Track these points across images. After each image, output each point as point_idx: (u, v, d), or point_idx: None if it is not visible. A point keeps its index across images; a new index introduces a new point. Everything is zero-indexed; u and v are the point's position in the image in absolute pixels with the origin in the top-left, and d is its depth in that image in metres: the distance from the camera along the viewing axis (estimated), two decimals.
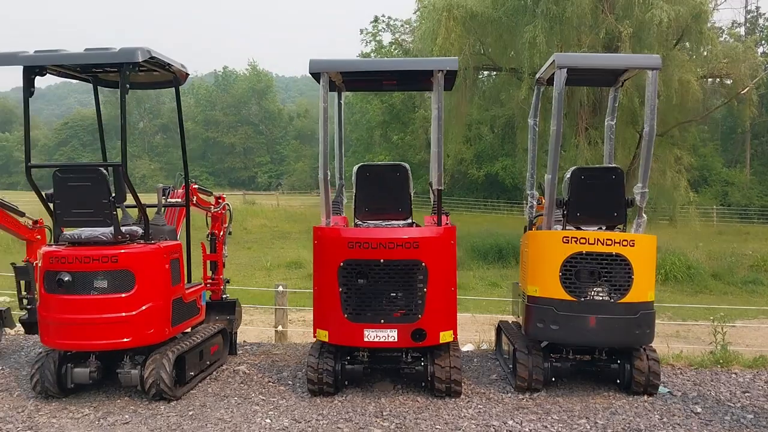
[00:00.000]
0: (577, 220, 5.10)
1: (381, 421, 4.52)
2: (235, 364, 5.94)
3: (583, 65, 5.14)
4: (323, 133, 4.94)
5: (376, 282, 4.80)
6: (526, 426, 4.40)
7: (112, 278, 4.74)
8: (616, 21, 18.98)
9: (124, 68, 4.68)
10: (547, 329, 4.86)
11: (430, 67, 4.93)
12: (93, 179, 4.73)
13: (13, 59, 4.68)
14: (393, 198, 5.31)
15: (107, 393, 5.15)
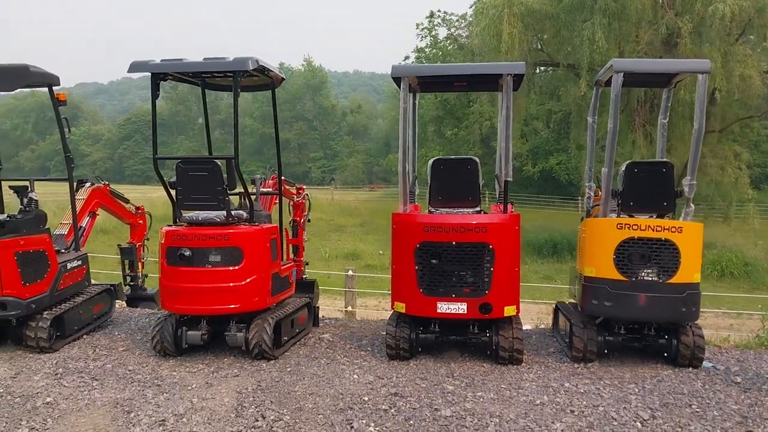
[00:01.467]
0: (630, 208, 5.68)
1: (452, 380, 5.21)
2: (319, 334, 6.72)
3: (638, 70, 5.71)
4: (403, 131, 5.61)
5: (448, 261, 5.48)
6: (581, 387, 5.03)
7: (224, 254, 5.57)
8: (676, 16, 19.06)
9: (237, 75, 5.50)
10: (601, 306, 5.45)
11: (500, 71, 5.58)
12: (209, 170, 5.57)
13: (145, 67, 5.55)
14: (464, 188, 5.96)
15: (215, 353, 5.99)
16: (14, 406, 4.79)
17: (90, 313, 6.87)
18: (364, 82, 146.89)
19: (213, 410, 4.62)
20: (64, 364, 5.72)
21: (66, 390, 5.09)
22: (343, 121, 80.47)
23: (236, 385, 5.12)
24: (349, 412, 4.54)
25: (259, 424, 4.36)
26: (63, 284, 6.47)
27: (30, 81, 6.16)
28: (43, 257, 6.21)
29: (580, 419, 4.41)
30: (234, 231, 5.61)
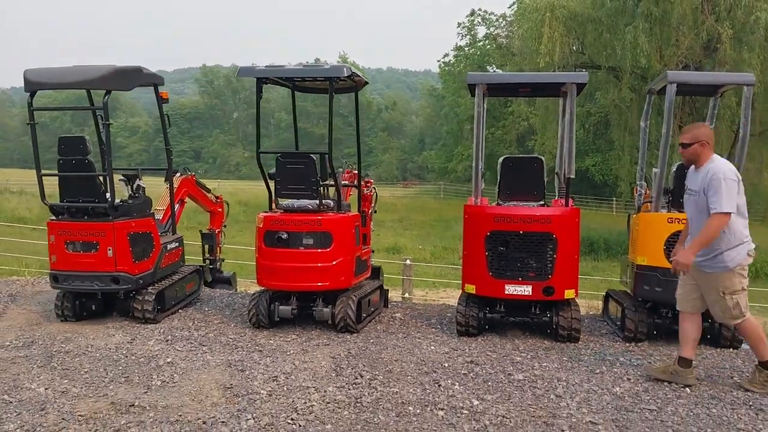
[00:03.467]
0: (680, 205, 6.29)
1: (519, 353, 5.91)
2: (390, 313, 7.45)
3: (691, 81, 6.35)
4: (477, 132, 6.31)
5: (515, 248, 6.17)
6: (635, 361, 5.69)
7: (316, 237, 6.33)
8: (716, 22, 19.43)
9: (332, 80, 6.26)
10: (652, 291, 6.10)
11: (565, 80, 6.26)
12: (306, 163, 6.33)
13: (251, 72, 6.34)
14: (530, 183, 6.64)
15: (302, 326, 6.75)
16: (141, 364, 5.59)
17: (183, 291, 7.70)
18: (397, 78, 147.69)
19: (315, 370, 5.38)
20: (170, 333, 6.53)
21: (180, 353, 5.89)
22: (378, 117, 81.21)
23: (329, 352, 5.88)
24: (433, 374, 5.26)
25: (359, 381, 5.10)
26: (164, 263, 7.29)
27: (142, 81, 6.98)
28: (149, 238, 7.04)
29: (636, 385, 5.08)
30: (325, 217, 6.37)
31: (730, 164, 4.85)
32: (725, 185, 4.65)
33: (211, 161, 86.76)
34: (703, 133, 4.92)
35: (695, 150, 4.92)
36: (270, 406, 4.60)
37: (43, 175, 6.76)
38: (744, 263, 4.85)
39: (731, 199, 4.65)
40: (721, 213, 4.62)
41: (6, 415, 4.43)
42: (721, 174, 4.69)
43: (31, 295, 8.26)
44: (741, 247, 4.81)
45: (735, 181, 4.72)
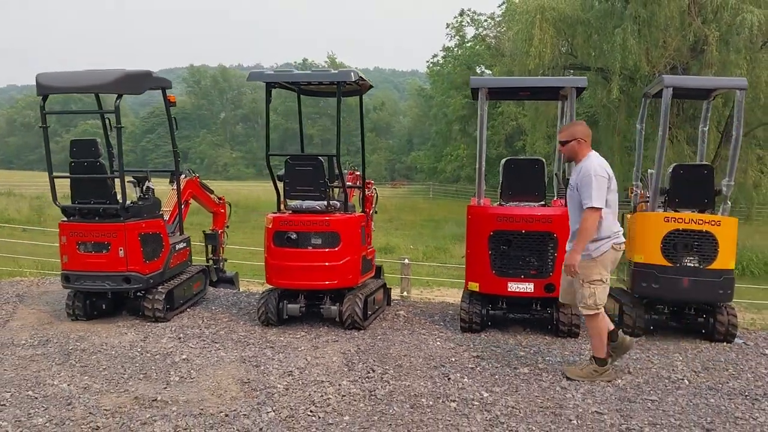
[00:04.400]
0: (676, 204, 6.55)
1: (522, 348, 6.13)
2: (394, 311, 7.65)
3: (685, 85, 6.61)
4: (480, 134, 6.51)
5: (517, 247, 6.38)
6: (634, 355, 5.91)
7: (324, 237, 6.51)
8: (703, 24, 19.75)
9: (340, 85, 6.45)
10: (649, 288, 6.33)
11: (564, 84, 6.49)
12: (314, 165, 6.51)
13: (261, 77, 6.51)
14: (531, 184, 6.85)
15: (310, 324, 6.93)
16: (157, 361, 5.75)
17: (191, 290, 7.85)
18: (384, 78, 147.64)
19: (327, 365, 5.57)
20: (182, 331, 6.69)
21: (194, 350, 6.05)
22: (366, 117, 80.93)
23: (339, 348, 6.06)
24: (442, 369, 5.47)
25: (371, 375, 5.30)
26: (173, 263, 7.44)
27: (151, 85, 7.13)
28: (159, 239, 7.19)
29: (637, 377, 5.32)
30: (333, 218, 6.56)
31: (602, 161, 5.08)
32: (595, 181, 4.88)
33: (198, 162, 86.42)
34: (580, 130, 5.19)
35: (572, 147, 5.19)
36: (288, 400, 4.79)
37: (55, 177, 6.88)
38: (608, 255, 5.06)
39: (601, 195, 4.88)
40: (591, 207, 4.87)
41: (33, 410, 4.58)
42: (591, 171, 4.93)
43: (38, 295, 8.37)
44: (607, 240, 5.03)
45: (605, 177, 4.95)
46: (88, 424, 4.35)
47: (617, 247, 5.08)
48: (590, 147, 5.20)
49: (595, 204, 4.85)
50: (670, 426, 4.37)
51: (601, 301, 5.10)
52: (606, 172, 4.98)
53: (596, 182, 4.88)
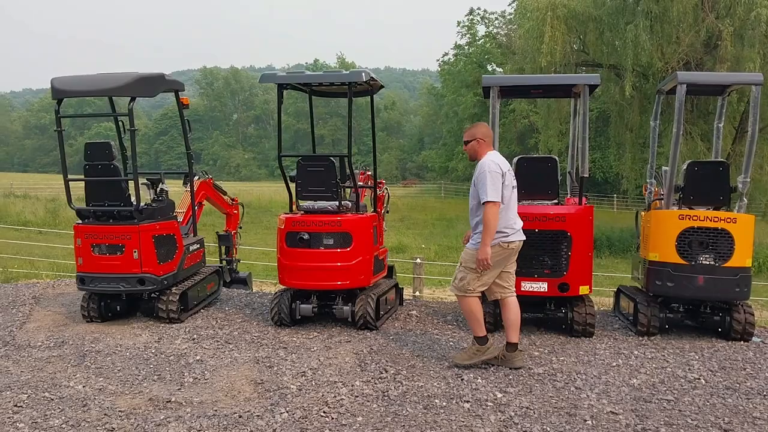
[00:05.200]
0: (691, 202, 6.49)
1: (536, 348, 6.09)
2: (406, 311, 7.63)
3: (699, 81, 6.54)
4: (493, 132, 6.46)
5: (531, 246, 6.30)
6: (649, 354, 5.88)
7: (337, 238, 6.51)
8: (717, 19, 19.60)
9: (351, 85, 6.45)
10: (664, 286, 6.28)
11: (576, 82, 6.45)
12: (326, 166, 6.51)
13: (273, 78, 6.53)
14: (544, 183, 6.81)
15: (322, 324, 6.94)
16: (171, 362, 5.77)
17: (205, 291, 7.88)
18: (396, 78, 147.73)
19: (340, 366, 5.56)
20: (196, 332, 6.71)
21: (208, 351, 6.07)
22: (377, 117, 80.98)
23: (351, 348, 6.06)
24: (455, 369, 5.45)
25: (383, 375, 5.29)
26: (186, 264, 7.47)
27: (164, 87, 7.16)
28: (173, 240, 7.22)
29: (652, 377, 5.28)
30: (344, 218, 6.55)
31: (497, 158, 5.30)
32: (489, 177, 5.12)
33: (211, 163, 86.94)
34: (480, 131, 5.44)
35: (473, 146, 5.44)
36: (301, 400, 4.79)
37: (70, 179, 6.93)
38: (492, 251, 5.20)
39: (496, 189, 5.12)
40: (488, 202, 5.09)
41: (50, 411, 4.61)
42: (486, 167, 5.19)
43: (54, 297, 8.44)
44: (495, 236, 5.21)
45: (498, 173, 5.18)
46: (104, 425, 4.37)
47: (504, 244, 5.30)
48: (491, 146, 5.49)
49: (491, 198, 5.09)
50: (686, 426, 4.33)
51: (469, 287, 5.37)
52: (499, 168, 5.21)
53: (490, 177, 5.12)
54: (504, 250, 5.31)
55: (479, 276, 5.33)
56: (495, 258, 5.24)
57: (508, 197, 5.27)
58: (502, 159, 5.36)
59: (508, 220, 5.29)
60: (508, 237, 5.31)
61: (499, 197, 5.12)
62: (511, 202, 5.33)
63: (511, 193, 5.32)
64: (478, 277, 5.33)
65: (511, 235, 5.32)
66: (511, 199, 5.31)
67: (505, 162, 5.36)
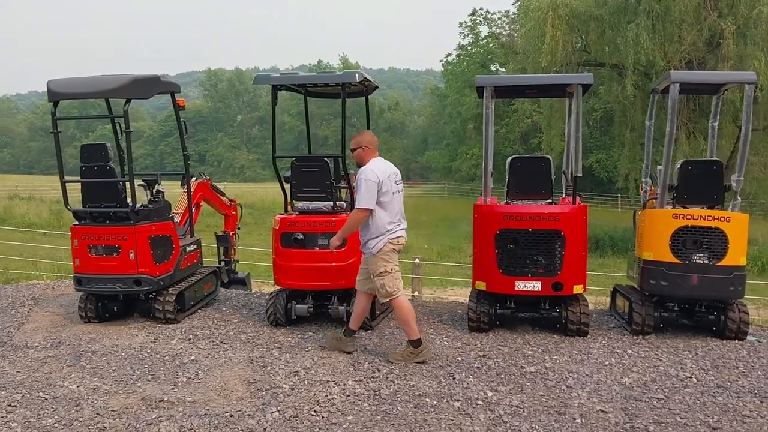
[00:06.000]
0: (684, 201, 6.48)
1: (529, 347, 6.10)
2: None
3: (693, 80, 6.54)
4: (486, 132, 6.50)
5: (524, 246, 6.35)
6: (642, 353, 5.88)
7: (329, 238, 6.52)
8: (719, 18, 19.53)
9: (344, 86, 6.47)
10: (658, 285, 6.28)
11: (570, 81, 6.46)
12: (320, 166, 6.54)
13: (267, 80, 6.56)
14: (538, 182, 6.82)
15: (318, 324, 6.96)
16: (165, 362, 5.80)
17: (202, 291, 7.91)
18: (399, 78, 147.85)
19: (333, 365, 5.59)
20: (192, 332, 6.74)
21: (203, 351, 6.10)
22: (380, 117, 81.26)
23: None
24: (448, 368, 5.47)
25: (376, 375, 5.31)
26: (183, 265, 7.50)
27: (160, 89, 7.19)
28: (169, 241, 7.25)
29: (644, 375, 5.28)
30: (339, 218, 6.56)
31: (378, 166, 5.59)
32: (365, 185, 5.44)
33: (216, 164, 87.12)
34: (365, 139, 5.74)
35: (359, 153, 5.72)
36: (293, 400, 4.81)
37: (66, 181, 6.97)
38: (386, 250, 5.58)
39: (370, 197, 5.44)
40: (358, 208, 5.47)
41: (43, 411, 4.65)
42: (363, 176, 5.50)
43: (53, 298, 8.49)
44: (382, 237, 5.57)
45: (375, 182, 5.46)
46: (96, 424, 4.41)
47: (394, 241, 5.63)
48: (375, 153, 5.75)
49: (362, 205, 5.45)
50: (675, 425, 4.33)
51: (393, 288, 5.62)
52: (377, 177, 5.48)
53: (365, 186, 5.44)
54: (394, 245, 5.64)
55: (393, 276, 5.63)
56: (391, 254, 5.62)
57: (388, 201, 5.58)
58: (385, 166, 5.67)
59: (390, 222, 5.61)
60: (395, 233, 5.65)
61: (370, 204, 5.45)
62: (391, 206, 5.62)
63: (392, 198, 5.63)
64: (393, 277, 5.63)
65: (396, 231, 5.67)
66: (391, 203, 5.61)
67: (388, 169, 5.66)
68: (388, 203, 5.58)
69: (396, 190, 5.71)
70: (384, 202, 5.54)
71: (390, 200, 5.60)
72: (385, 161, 5.76)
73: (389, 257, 5.62)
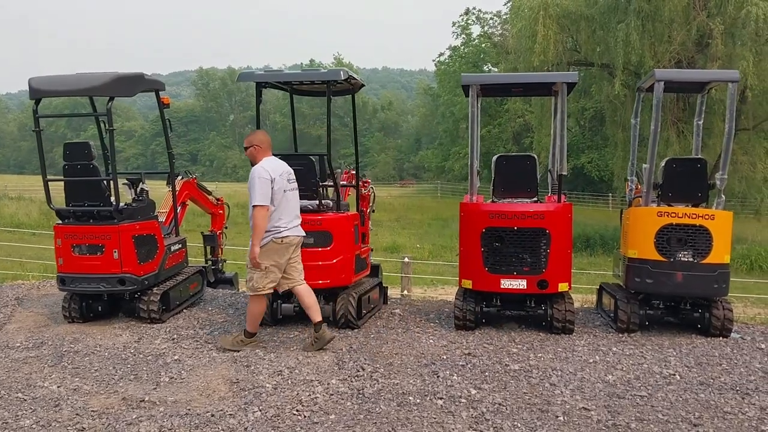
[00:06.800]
0: (669, 199, 6.49)
1: (515, 345, 6.09)
2: (390, 310, 7.62)
3: (677, 79, 6.55)
4: (472, 131, 6.48)
5: (510, 244, 6.34)
6: (627, 351, 5.88)
7: (317, 237, 6.50)
8: (708, 18, 19.64)
9: (329, 84, 6.44)
10: (643, 283, 6.28)
11: (555, 80, 6.45)
12: (305, 164, 6.51)
13: (251, 77, 6.53)
14: (523, 181, 6.82)
15: (304, 323, 6.90)
16: (149, 362, 5.76)
17: (187, 291, 7.86)
18: (393, 78, 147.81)
19: (318, 365, 5.56)
20: (176, 332, 6.70)
21: (187, 351, 6.06)
22: (374, 117, 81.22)
23: (331, 347, 6.04)
24: (432, 366, 5.45)
25: (360, 373, 5.29)
26: (168, 264, 7.45)
27: (144, 87, 7.14)
28: (154, 240, 7.20)
29: (628, 373, 5.28)
30: (325, 217, 6.55)
31: (269, 165, 5.73)
32: (258, 183, 5.58)
33: (208, 164, 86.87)
34: (257, 138, 5.87)
35: (251, 152, 5.85)
36: (275, 399, 4.78)
37: (49, 180, 6.92)
38: (270, 247, 5.72)
39: (264, 193, 5.57)
40: (255, 205, 5.57)
41: (22, 411, 4.61)
42: (255, 174, 5.64)
43: (37, 298, 8.43)
44: (269, 234, 5.69)
45: (267, 179, 5.61)
46: (75, 425, 4.37)
47: (277, 240, 5.75)
48: (267, 152, 5.86)
49: (257, 202, 5.56)
50: (657, 422, 4.33)
51: (259, 285, 5.79)
52: (269, 174, 5.63)
53: (258, 183, 5.58)
54: (279, 245, 5.75)
55: (265, 274, 5.76)
56: (272, 254, 5.74)
57: (279, 200, 5.70)
58: (277, 164, 5.81)
59: (280, 220, 5.74)
60: (281, 233, 5.75)
61: (266, 201, 5.57)
62: (284, 203, 5.76)
63: (284, 196, 5.76)
64: (265, 275, 5.76)
65: (284, 231, 5.77)
66: (283, 200, 5.75)
67: (280, 167, 5.79)
68: (281, 201, 5.72)
69: (289, 189, 5.83)
70: (277, 199, 5.68)
71: (282, 198, 5.73)
72: (277, 160, 5.90)
73: (269, 255, 5.72)
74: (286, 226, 5.80)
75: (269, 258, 5.74)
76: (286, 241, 5.80)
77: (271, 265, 5.76)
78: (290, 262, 5.94)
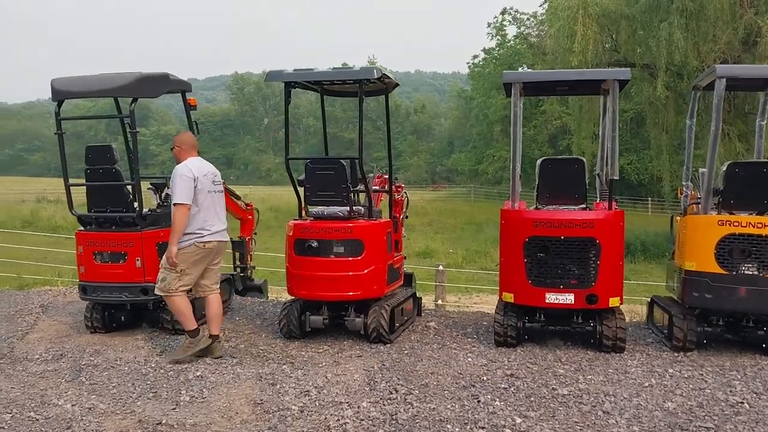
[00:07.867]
0: (731, 206, 5.95)
1: (561, 365, 5.62)
2: (424, 322, 7.21)
3: (741, 75, 6.00)
4: (514, 133, 6.04)
5: (556, 255, 5.88)
6: (685, 373, 5.36)
7: (347, 245, 6.12)
8: (756, 15, 18.82)
9: (362, 83, 6.06)
10: (701, 298, 5.75)
11: (605, 77, 5.97)
12: (336, 169, 6.14)
13: (279, 76, 6.18)
14: (570, 186, 6.35)
15: (334, 337, 6.55)
16: (170, 378, 5.44)
17: None
18: (425, 81, 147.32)
19: (348, 384, 5.17)
20: None
21: (211, 366, 5.72)
22: (406, 120, 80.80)
23: (362, 364, 5.66)
24: (472, 389, 5.01)
25: (393, 396, 4.88)
26: None
27: (169, 87, 6.86)
28: None
29: (689, 399, 4.77)
30: (356, 224, 6.16)
31: (193, 164, 5.73)
32: (180, 181, 5.56)
33: (242, 167, 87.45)
34: (180, 139, 5.93)
35: (176, 152, 5.89)
36: (302, 424, 4.41)
37: (70, 185, 6.68)
38: (189, 250, 5.65)
39: (186, 192, 5.54)
40: (175, 204, 5.54)
41: None
42: (177, 172, 5.62)
43: (63, 305, 8.21)
44: (191, 236, 5.64)
45: (190, 177, 5.59)
46: None
47: (200, 244, 5.67)
48: (192, 153, 5.88)
49: (179, 200, 5.52)
50: None
51: (170, 286, 5.64)
52: (192, 173, 5.60)
53: (180, 182, 5.54)
54: (200, 249, 5.68)
55: (180, 276, 5.63)
56: (192, 258, 5.66)
57: (202, 200, 5.66)
58: (201, 165, 5.80)
59: (204, 222, 5.69)
60: (203, 237, 5.68)
61: (187, 200, 5.52)
62: (206, 205, 5.71)
63: (207, 197, 5.71)
64: (179, 277, 5.63)
65: (206, 236, 5.70)
66: (206, 202, 5.70)
67: (204, 168, 5.80)
68: (204, 202, 5.68)
69: (213, 190, 5.80)
70: (200, 200, 5.64)
71: (206, 199, 5.70)
72: (203, 161, 5.90)
73: (188, 259, 5.64)
74: (210, 230, 5.73)
75: (187, 261, 5.64)
76: (209, 246, 5.73)
77: (187, 268, 5.66)
78: (209, 268, 5.88)
